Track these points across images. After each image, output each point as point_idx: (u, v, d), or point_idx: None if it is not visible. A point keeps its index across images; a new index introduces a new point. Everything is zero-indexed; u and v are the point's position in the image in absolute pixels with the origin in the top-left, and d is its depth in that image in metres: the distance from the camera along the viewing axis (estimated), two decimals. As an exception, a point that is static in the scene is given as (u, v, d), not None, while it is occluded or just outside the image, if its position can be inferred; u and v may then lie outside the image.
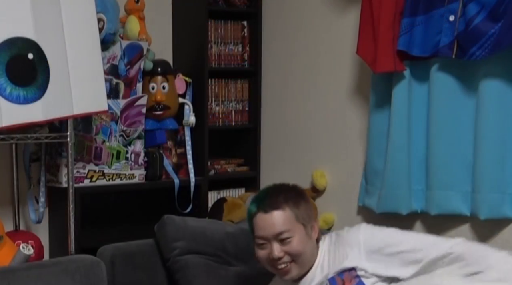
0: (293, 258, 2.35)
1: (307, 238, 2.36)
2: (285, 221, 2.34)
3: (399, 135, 2.91)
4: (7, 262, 2.61)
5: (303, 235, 2.35)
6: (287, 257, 2.35)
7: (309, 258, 2.38)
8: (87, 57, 2.79)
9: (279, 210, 2.34)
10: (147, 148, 3.33)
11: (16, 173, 3.11)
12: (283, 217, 2.34)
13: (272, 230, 2.33)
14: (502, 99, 2.71)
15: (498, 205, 2.73)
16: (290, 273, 2.37)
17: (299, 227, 2.35)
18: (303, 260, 2.36)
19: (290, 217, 2.34)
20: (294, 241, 2.33)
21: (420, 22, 2.82)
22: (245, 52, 3.72)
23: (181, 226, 2.79)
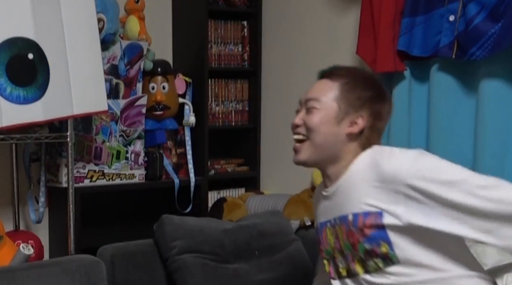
0: (308, 134, 2.07)
1: (333, 122, 2.05)
2: (321, 91, 2.08)
3: (399, 135, 2.91)
4: (7, 262, 2.61)
5: (330, 115, 2.05)
6: (302, 129, 2.08)
7: (328, 149, 2.06)
8: (87, 57, 2.79)
9: (328, 79, 2.10)
10: (147, 148, 3.33)
11: (16, 173, 3.11)
12: (325, 87, 2.09)
13: (307, 93, 2.12)
14: (502, 99, 2.71)
15: (498, 205, 2.73)
16: (298, 154, 2.09)
17: (332, 105, 2.05)
18: (318, 143, 2.06)
19: (330, 91, 2.07)
20: (316, 114, 2.06)
21: (420, 22, 2.82)
22: (245, 52, 3.72)
23: (179, 225, 2.79)
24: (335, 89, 2.07)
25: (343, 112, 2.05)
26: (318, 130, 2.06)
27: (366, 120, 2.06)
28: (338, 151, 2.06)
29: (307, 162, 2.10)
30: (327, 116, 2.06)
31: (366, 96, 2.08)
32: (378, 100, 2.10)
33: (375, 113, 2.08)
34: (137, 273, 2.75)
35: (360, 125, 2.06)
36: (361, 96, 2.07)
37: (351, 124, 2.06)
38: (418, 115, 2.92)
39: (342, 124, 2.05)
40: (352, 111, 2.06)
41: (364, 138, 2.07)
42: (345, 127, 2.05)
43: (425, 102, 2.90)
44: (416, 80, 2.93)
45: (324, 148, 2.07)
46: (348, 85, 2.07)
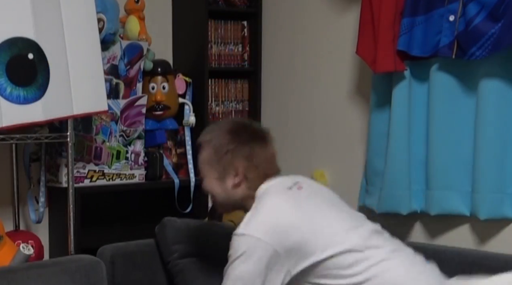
0: (211, 197, 2.43)
1: (218, 183, 2.34)
2: (201, 161, 2.39)
3: (399, 135, 2.91)
4: (7, 262, 2.61)
5: (213, 178, 2.35)
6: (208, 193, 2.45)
7: (229, 202, 2.37)
8: (87, 57, 2.79)
9: (201, 148, 2.39)
10: (147, 148, 3.33)
11: (16, 173, 3.11)
12: (200, 156, 2.39)
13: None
14: (502, 99, 2.71)
15: (498, 205, 2.73)
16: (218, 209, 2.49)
17: (210, 169, 2.36)
18: (220, 202, 2.39)
19: (205, 157, 2.37)
20: (205, 182, 2.38)
21: (420, 22, 2.82)
22: (245, 52, 3.72)
23: (181, 228, 2.78)
24: (205, 155, 2.36)
25: (221, 171, 2.32)
26: (212, 193, 2.38)
27: (243, 167, 2.31)
28: (237, 200, 2.35)
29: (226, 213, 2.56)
30: (212, 180, 2.35)
31: (233, 148, 2.32)
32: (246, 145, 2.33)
33: (249, 158, 2.32)
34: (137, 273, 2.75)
35: (240, 174, 2.31)
36: (228, 149, 2.31)
37: (233, 177, 2.32)
38: (418, 115, 2.92)
39: (226, 180, 2.32)
40: (227, 166, 2.31)
41: (251, 181, 2.32)
42: (229, 181, 2.32)
43: (425, 102, 2.90)
44: (416, 80, 2.92)
45: (227, 203, 2.38)
46: (214, 146, 2.33)
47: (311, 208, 2.23)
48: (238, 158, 2.31)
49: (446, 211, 2.85)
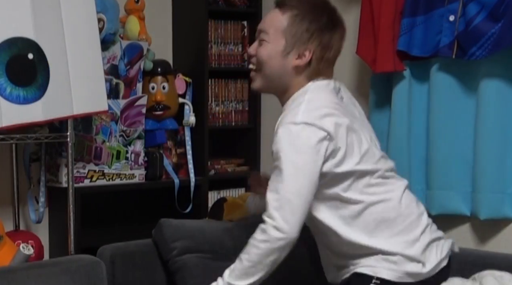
0: (258, 65, 2.22)
1: (280, 55, 2.17)
2: (270, 23, 2.19)
3: (399, 135, 2.91)
4: (7, 262, 2.61)
5: (277, 49, 2.17)
6: (255, 59, 2.23)
7: (277, 80, 2.20)
8: (87, 57, 2.79)
9: (280, 10, 2.19)
10: (147, 148, 3.33)
11: (16, 173, 3.11)
12: (274, 19, 2.19)
13: (261, 24, 2.25)
14: (502, 99, 2.71)
15: (498, 205, 2.73)
16: (253, 81, 2.27)
17: (279, 38, 2.17)
18: (267, 75, 2.20)
19: (279, 24, 2.17)
20: (264, 47, 2.19)
21: (420, 22, 2.82)
22: (245, 52, 3.72)
23: (178, 227, 2.79)
24: (283, 22, 2.16)
25: (290, 45, 2.15)
26: (266, 63, 2.18)
27: (313, 52, 2.16)
28: (287, 81, 2.19)
29: (260, 90, 2.27)
30: (275, 50, 2.16)
31: (314, 28, 2.15)
32: (327, 30, 2.17)
33: (323, 44, 2.17)
34: (137, 273, 2.75)
35: (307, 57, 2.16)
36: (309, 28, 2.14)
37: (298, 57, 2.16)
38: (418, 115, 2.92)
39: (289, 57, 2.16)
40: (300, 44, 2.15)
41: (312, 69, 2.18)
42: (293, 59, 2.16)
43: (425, 102, 2.90)
44: (416, 80, 2.93)
45: (274, 79, 2.20)
46: (297, 17, 2.14)
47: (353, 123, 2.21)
48: (315, 41, 2.16)
49: (446, 211, 2.85)
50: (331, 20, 2.19)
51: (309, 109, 2.11)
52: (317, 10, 2.18)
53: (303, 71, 2.18)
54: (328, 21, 2.18)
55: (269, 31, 2.18)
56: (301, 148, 2.08)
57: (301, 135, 2.08)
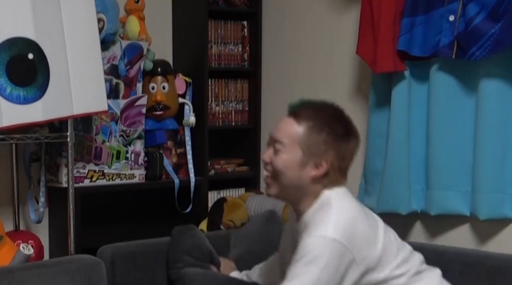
0: (273, 174, 2.17)
1: (297, 166, 2.13)
2: (287, 133, 2.15)
3: (399, 135, 2.91)
4: (7, 262, 2.61)
5: (294, 160, 2.13)
6: (270, 167, 2.18)
7: (293, 189, 2.16)
8: (87, 57, 2.79)
9: (295, 119, 2.15)
10: (147, 148, 3.33)
11: (16, 173, 3.11)
12: (290, 129, 2.15)
13: (274, 132, 2.19)
14: (502, 99, 2.71)
15: (498, 205, 2.73)
16: (268, 188, 2.22)
17: (296, 149, 2.13)
18: (283, 184, 2.16)
19: (295, 135, 2.13)
20: (280, 157, 2.14)
21: (420, 22, 2.82)
22: (245, 52, 3.72)
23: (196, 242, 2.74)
24: (299, 133, 2.14)
25: (307, 156, 2.12)
26: (283, 173, 2.14)
27: (330, 162, 2.14)
28: (303, 191, 2.16)
29: (276, 197, 2.23)
30: (291, 161, 2.13)
31: (331, 139, 2.13)
32: (344, 141, 2.16)
33: (340, 155, 2.15)
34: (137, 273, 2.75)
35: (324, 168, 2.14)
36: (326, 139, 2.13)
37: (316, 167, 2.14)
38: (418, 115, 2.92)
39: (306, 168, 2.13)
40: (317, 155, 2.12)
41: (329, 179, 2.15)
42: (310, 170, 2.13)
43: (425, 102, 2.90)
44: (416, 80, 2.92)
45: (290, 189, 2.16)
46: (313, 129, 2.13)
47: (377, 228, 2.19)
48: (332, 152, 2.14)
49: (446, 211, 2.85)
50: (346, 130, 2.18)
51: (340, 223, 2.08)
52: (333, 121, 2.16)
53: (320, 181, 2.15)
54: (344, 132, 2.17)
55: (285, 141, 2.14)
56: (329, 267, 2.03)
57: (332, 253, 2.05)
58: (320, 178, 2.15)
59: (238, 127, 3.74)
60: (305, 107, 2.18)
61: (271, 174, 2.18)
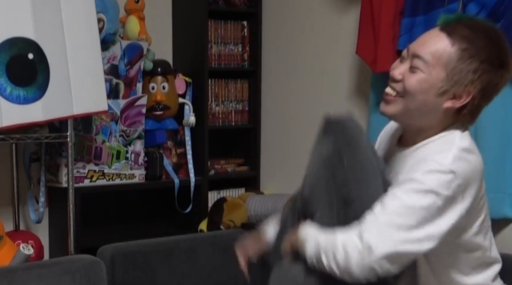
0: (402, 93, 1.85)
1: (434, 92, 1.81)
2: (434, 50, 1.81)
3: (399, 135, 2.91)
4: (7, 262, 2.61)
5: (433, 84, 1.81)
6: (399, 86, 1.86)
7: (417, 116, 1.85)
8: (87, 57, 2.79)
9: (448, 36, 1.81)
10: (147, 148, 3.33)
11: (16, 173, 3.11)
12: (440, 46, 1.81)
13: (417, 46, 1.85)
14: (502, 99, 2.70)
15: (498, 205, 2.73)
16: (387, 105, 1.90)
17: (440, 73, 1.81)
18: (409, 107, 1.84)
19: (444, 55, 1.80)
20: (418, 77, 1.82)
21: (420, 22, 2.82)
22: (245, 52, 3.72)
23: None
24: (449, 53, 1.80)
25: (450, 83, 1.81)
26: (415, 95, 1.83)
27: (472, 96, 1.83)
28: (427, 121, 1.87)
29: (394, 116, 1.92)
30: (430, 84, 1.82)
31: (483, 69, 1.81)
32: (497, 74, 1.83)
33: (486, 91, 1.84)
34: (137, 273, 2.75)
35: (462, 101, 1.83)
36: (478, 69, 1.80)
37: (453, 97, 1.83)
38: (418, 115, 2.91)
39: (444, 96, 1.83)
40: (460, 84, 1.81)
41: (462, 116, 1.86)
42: (446, 100, 1.83)
43: (425, 102, 2.90)
44: (416, 80, 2.92)
45: (415, 115, 1.86)
46: (467, 53, 1.80)
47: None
48: (478, 85, 1.81)
49: (446, 211, 2.85)
50: (503, 62, 1.83)
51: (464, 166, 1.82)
52: (492, 48, 1.82)
53: (452, 115, 1.87)
54: (500, 63, 1.83)
55: (428, 59, 1.81)
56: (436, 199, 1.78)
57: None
58: (453, 111, 1.85)
59: (238, 127, 3.74)
60: (462, 25, 1.83)
61: (398, 94, 1.87)
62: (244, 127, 3.76)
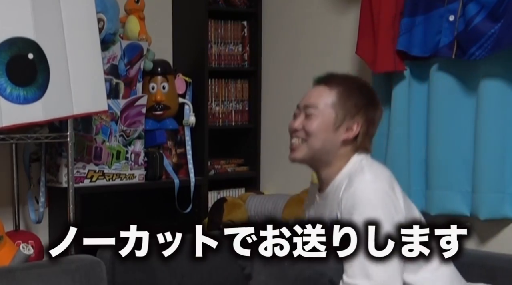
0: (306, 138, 2.22)
1: (331, 129, 2.20)
2: (319, 97, 2.23)
3: (399, 135, 2.91)
4: (7, 262, 2.61)
5: (328, 122, 2.20)
6: (301, 133, 2.23)
7: (323, 153, 2.22)
8: (87, 57, 2.79)
9: (325, 86, 2.24)
10: (147, 148, 3.33)
11: (16, 173, 3.11)
12: (323, 94, 2.23)
13: (305, 100, 2.26)
14: (502, 99, 2.71)
15: (498, 205, 2.73)
16: (294, 152, 2.25)
17: (330, 112, 2.20)
18: (314, 148, 2.21)
19: (328, 98, 2.21)
20: (314, 120, 2.21)
21: (420, 22, 2.82)
22: (245, 52, 3.72)
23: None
24: (332, 96, 2.21)
25: (340, 119, 2.20)
26: (316, 136, 2.20)
27: (361, 126, 2.22)
28: (332, 155, 2.22)
29: (302, 160, 2.25)
30: (325, 123, 2.20)
31: (361, 103, 2.22)
32: (372, 107, 2.26)
33: (369, 120, 2.24)
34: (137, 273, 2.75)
35: (355, 131, 2.21)
36: (357, 103, 2.21)
37: (347, 130, 2.21)
38: (417, 115, 2.92)
39: (339, 130, 2.21)
40: (349, 118, 2.20)
41: (358, 143, 2.23)
42: (342, 133, 2.21)
43: (425, 102, 2.90)
44: (416, 80, 2.92)
45: (320, 153, 2.22)
46: (345, 93, 2.21)
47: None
48: (363, 116, 2.22)
49: (446, 211, 2.85)
50: (373, 99, 2.28)
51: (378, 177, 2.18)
52: (361, 88, 2.27)
53: (349, 145, 2.23)
54: (371, 100, 2.27)
55: (319, 106, 2.21)
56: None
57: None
58: (350, 142, 2.22)
59: (238, 127, 3.74)
60: (333, 76, 2.28)
61: (304, 137, 2.23)
62: (244, 127, 3.76)
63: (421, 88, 2.91)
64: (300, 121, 2.25)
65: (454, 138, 2.82)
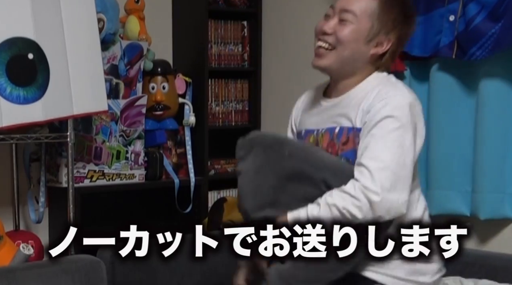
0: (336, 44, 2.10)
1: (363, 40, 2.09)
2: (360, 4, 2.09)
3: (399, 135, 2.91)
4: (7, 262, 2.61)
5: (362, 32, 2.08)
6: (331, 38, 2.11)
7: (350, 63, 2.12)
8: (87, 57, 2.79)
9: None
10: (147, 148, 3.33)
11: (16, 173, 3.11)
12: (364, 2, 2.09)
13: (344, 2, 2.11)
14: (502, 99, 2.71)
15: (498, 205, 2.73)
16: (320, 58, 2.15)
17: (366, 22, 2.08)
18: (342, 56, 2.10)
19: (369, 7, 2.08)
20: (349, 28, 2.08)
21: (420, 22, 2.82)
22: (245, 52, 3.73)
23: None
24: (374, 5, 2.09)
25: (374, 32, 2.09)
26: (347, 44, 2.09)
27: (392, 43, 2.12)
28: (357, 67, 2.13)
29: (327, 68, 2.15)
30: (359, 33, 2.09)
31: (399, 20, 2.11)
32: (408, 23, 2.14)
33: (401, 37, 2.14)
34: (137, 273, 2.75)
35: (384, 48, 2.12)
36: (396, 19, 2.10)
37: (377, 45, 2.11)
38: (418, 115, 2.91)
39: (370, 43, 2.10)
40: (384, 32, 2.09)
41: (384, 61, 2.14)
42: (371, 47, 2.10)
43: (425, 102, 2.90)
44: (416, 80, 2.93)
45: (347, 63, 2.12)
46: (386, 4, 2.09)
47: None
48: (397, 32, 2.11)
49: (446, 211, 2.85)
50: (411, 16, 2.17)
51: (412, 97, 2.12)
52: (403, 3, 2.14)
53: (376, 61, 2.14)
54: (409, 17, 2.15)
55: (357, 13, 2.08)
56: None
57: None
58: (377, 57, 2.13)
59: (238, 127, 3.74)
60: None
61: (330, 46, 2.12)
62: (244, 127, 3.75)
63: (421, 88, 2.91)
64: (333, 24, 2.11)
65: (454, 138, 2.82)
